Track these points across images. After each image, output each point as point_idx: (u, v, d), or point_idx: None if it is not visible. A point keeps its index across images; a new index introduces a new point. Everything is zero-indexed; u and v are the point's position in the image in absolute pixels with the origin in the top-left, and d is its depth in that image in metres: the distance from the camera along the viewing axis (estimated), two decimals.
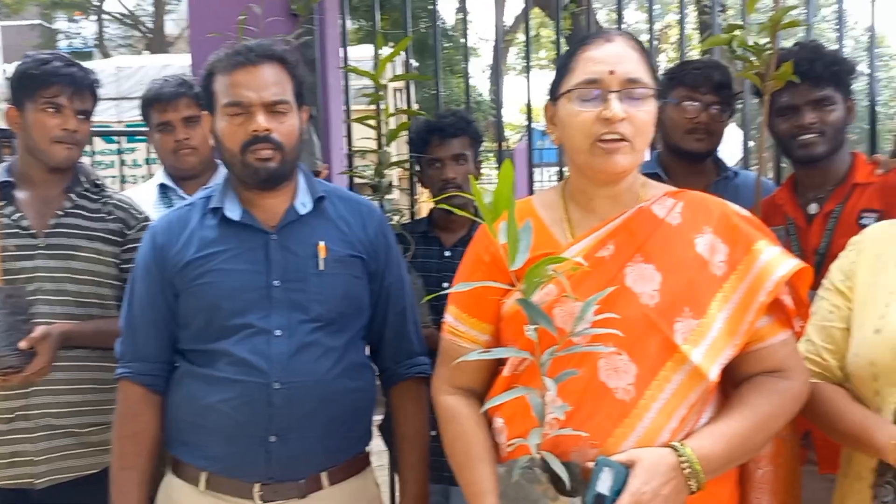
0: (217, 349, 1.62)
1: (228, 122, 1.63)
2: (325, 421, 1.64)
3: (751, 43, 1.86)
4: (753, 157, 2.95)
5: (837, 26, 2.70)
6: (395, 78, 2.71)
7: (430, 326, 2.23)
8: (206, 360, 1.64)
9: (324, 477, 1.66)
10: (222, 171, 1.75)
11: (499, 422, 1.45)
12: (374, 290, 1.75)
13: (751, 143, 2.99)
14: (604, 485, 1.24)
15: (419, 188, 2.79)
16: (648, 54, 1.43)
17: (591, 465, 1.28)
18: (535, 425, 1.33)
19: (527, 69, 2.95)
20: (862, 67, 3.36)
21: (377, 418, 2.04)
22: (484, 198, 1.25)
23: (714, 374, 1.34)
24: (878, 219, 1.84)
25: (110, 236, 2.08)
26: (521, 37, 13.92)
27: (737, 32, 1.82)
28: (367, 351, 1.82)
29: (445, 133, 2.42)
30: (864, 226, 1.84)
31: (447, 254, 2.47)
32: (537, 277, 1.22)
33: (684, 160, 2.27)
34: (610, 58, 1.37)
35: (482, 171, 2.18)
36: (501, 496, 1.30)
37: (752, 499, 1.49)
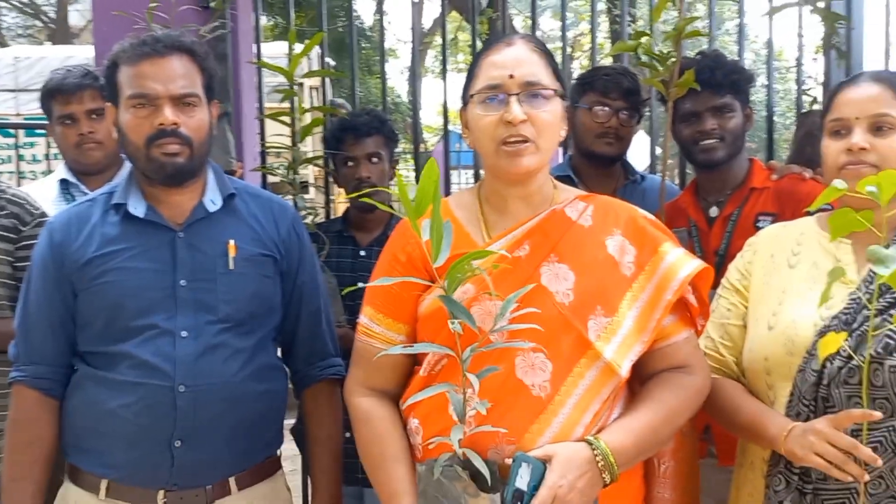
0: (119, 351, 1.56)
1: (133, 114, 1.57)
2: (233, 424, 1.60)
3: (656, 51, 1.93)
4: (660, 163, 3.06)
5: (738, 39, 2.82)
6: (310, 74, 2.68)
7: (345, 326, 2.22)
8: (106, 363, 1.58)
9: (232, 482, 1.62)
10: (128, 167, 1.69)
11: (414, 422, 1.45)
12: (286, 289, 1.72)
13: (658, 150, 3.09)
14: (522, 480, 1.26)
15: (335, 187, 2.76)
16: (551, 56, 1.46)
17: (509, 461, 1.30)
18: (451, 424, 1.34)
19: (443, 72, 2.97)
20: (761, 79, 3.53)
21: (289, 422, 2.00)
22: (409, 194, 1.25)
23: (625, 369, 1.38)
24: (774, 221, 1.94)
25: (3, 233, 1.98)
26: (438, 39, 14.02)
27: (643, 40, 1.88)
28: (279, 353, 1.79)
29: (360, 132, 2.41)
30: (761, 228, 1.94)
31: (362, 253, 2.46)
32: (460, 273, 1.23)
33: (595, 164, 2.33)
34: (510, 62, 1.41)
35: (398, 172, 2.17)
36: (421, 494, 1.30)
37: (655, 493, 1.54)
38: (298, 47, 2.40)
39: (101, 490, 1.58)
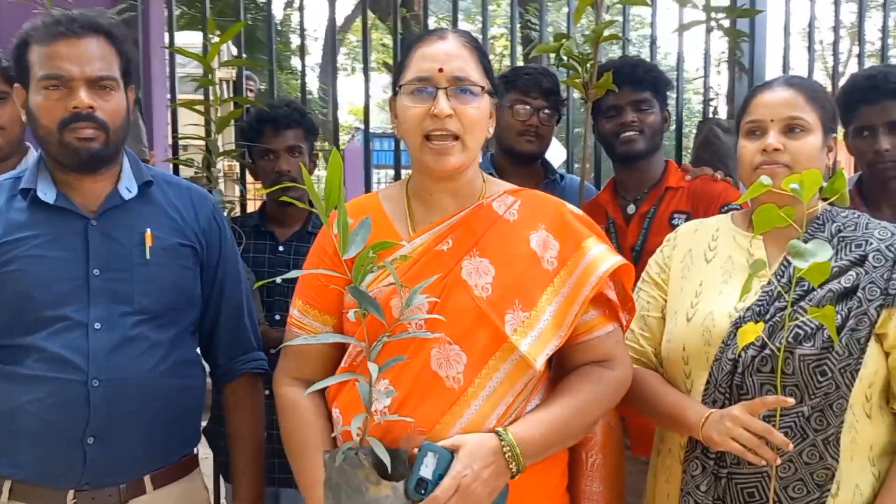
0: (26, 344, 1.47)
1: (45, 96, 1.49)
2: (149, 421, 1.54)
3: (576, 53, 1.98)
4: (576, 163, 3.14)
5: (651, 51, 2.94)
6: (228, 63, 2.61)
7: (263, 323, 2.17)
8: (12, 357, 1.48)
9: (147, 481, 1.56)
10: (34, 155, 1.59)
11: (336, 412, 1.44)
12: (206, 281, 1.67)
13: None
14: (427, 469, 1.27)
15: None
16: (483, 53, 1.47)
17: (416, 450, 1.30)
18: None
19: (365, 70, 2.94)
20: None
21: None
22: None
23: (540, 363, 1.39)
24: (687, 219, 2.02)
25: None
26: (351, 37, 13.86)
27: (564, 42, 1.92)
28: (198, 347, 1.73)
29: (279, 124, 2.36)
30: (675, 226, 2.02)
31: (281, 249, 2.41)
32: (366, 264, 1.22)
33: (516, 162, 2.37)
34: (440, 55, 1.41)
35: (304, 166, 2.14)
36: (326, 482, 1.28)
37: (583, 485, 1.57)
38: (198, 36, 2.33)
39: (3, 492, 1.48)
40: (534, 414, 1.40)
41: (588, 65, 1.92)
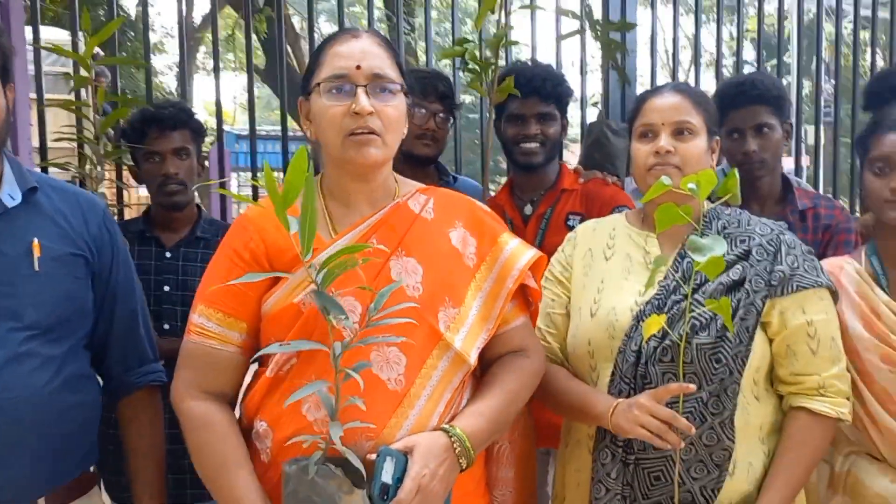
0: None
1: None
2: (44, 440, 1.43)
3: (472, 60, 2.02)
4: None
5: (532, 59, 3.05)
6: (103, 61, 2.45)
7: None
8: None
9: (42, 503, 1.45)
10: None
11: (262, 425, 1.40)
12: (98, 291, 1.57)
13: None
14: (387, 474, 1.27)
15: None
16: (396, 52, 1.48)
17: (371, 456, 1.29)
18: (305, 424, 1.34)
19: (215, 69, 2.84)
20: None
21: None
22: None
23: (474, 357, 1.43)
24: (582, 220, 2.11)
25: None
26: (210, 35, 13.38)
27: (468, 46, 1.96)
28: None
29: (165, 124, 2.26)
30: (571, 226, 2.12)
31: (168, 255, 2.31)
32: (338, 269, 1.20)
33: (412, 164, 2.37)
34: (356, 53, 1.40)
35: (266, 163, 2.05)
36: (289, 496, 1.25)
37: (495, 472, 1.61)
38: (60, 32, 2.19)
39: None
40: (472, 407, 1.42)
41: (490, 70, 1.97)
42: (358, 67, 1.38)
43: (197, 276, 2.30)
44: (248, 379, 1.49)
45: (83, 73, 2.30)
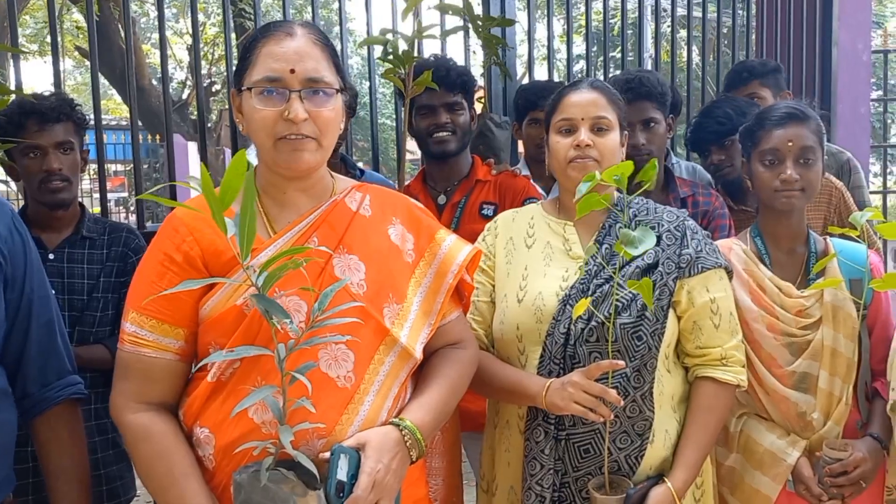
0: None
1: None
2: None
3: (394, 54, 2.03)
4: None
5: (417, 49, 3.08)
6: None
7: None
8: None
9: None
10: None
11: (202, 431, 1.35)
12: (11, 300, 1.44)
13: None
14: (342, 471, 1.26)
15: None
16: (333, 49, 1.45)
17: (324, 455, 1.29)
18: (250, 429, 1.31)
19: (92, 61, 2.65)
20: None
21: None
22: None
23: (419, 351, 1.45)
24: (496, 210, 2.19)
25: None
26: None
27: (390, 37, 1.97)
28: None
29: (46, 117, 2.10)
30: (485, 215, 2.19)
31: (51, 257, 2.15)
32: (280, 271, 1.18)
33: None
34: (291, 55, 1.35)
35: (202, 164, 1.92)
36: (243, 503, 1.22)
37: (429, 463, 1.65)
38: None
39: None
40: (419, 400, 1.45)
41: (406, 64, 1.99)
42: (292, 71, 1.34)
43: (84, 278, 2.19)
44: None
45: None
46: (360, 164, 3.04)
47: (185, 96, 11.93)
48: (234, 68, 1.61)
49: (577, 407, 1.56)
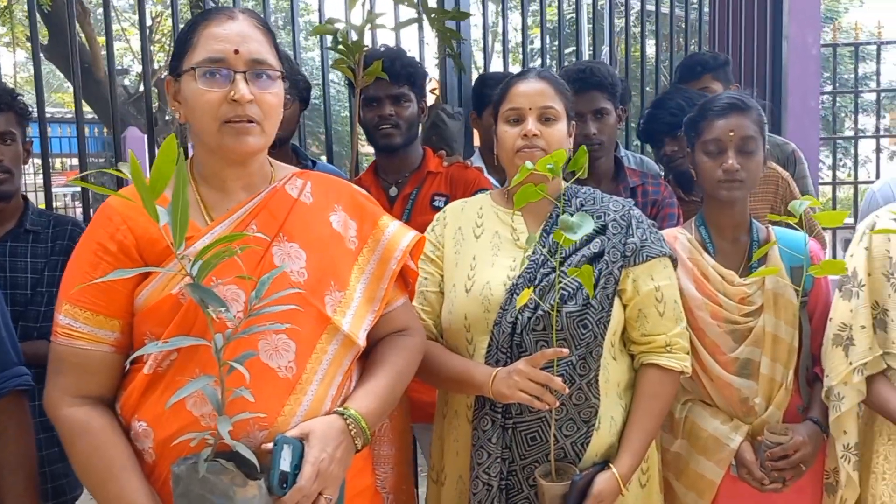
0: None
1: None
2: None
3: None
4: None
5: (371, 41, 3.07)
6: None
7: None
8: None
9: None
10: None
11: (140, 425, 1.33)
12: None
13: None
14: (285, 462, 1.26)
15: None
16: (273, 34, 1.44)
17: (266, 446, 1.28)
18: (189, 421, 1.30)
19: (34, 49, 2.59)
20: None
21: None
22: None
23: (362, 339, 1.45)
24: (447, 201, 2.19)
25: None
26: None
27: (339, 27, 1.95)
28: None
29: None
30: (437, 207, 2.19)
31: None
32: (216, 259, 1.16)
33: None
34: (234, 36, 1.34)
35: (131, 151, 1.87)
36: (181, 497, 1.20)
37: (377, 451, 1.65)
38: None
39: None
40: (364, 388, 1.44)
41: (356, 54, 1.97)
42: (236, 52, 1.33)
43: (27, 272, 2.14)
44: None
45: None
46: (324, 158, 3.01)
47: (142, 88, 11.73)
48: None
49: (522, 395, 1.57)
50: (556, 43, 4.13)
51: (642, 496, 1.76)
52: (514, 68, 3.49)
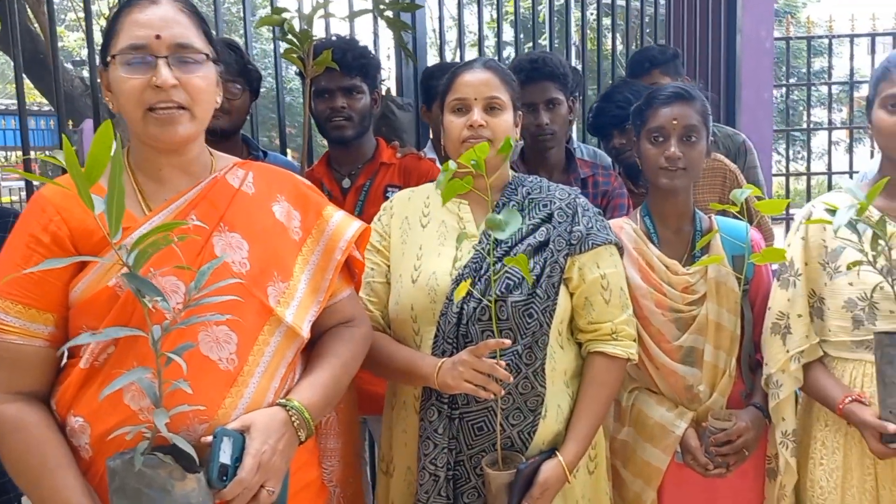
0: None
1: None
2: None
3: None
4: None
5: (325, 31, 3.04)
6: None
7: None
8: None
9: None
10: None
11: (77, 420, 1.31)
12: None
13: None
14: (225, 454, 1.24)
15: None
16: (201, 18, 1.41)
17: (206, 439, 1.26)
18: (128, 415, 1.28)
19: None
20: None
21: None
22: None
23: (306, 330, 1.43)
24: None
25: None
26: None
27: (286, 16, 1.93)
28: None
29: None
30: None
31: None
32: (151, 248, 1.14)
33: (211, 139, 2.29)
34: (156, 21, 1.32)
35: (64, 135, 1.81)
36: (116, 492, 1.18)
37: (324, 445, 1.64)
38: None
39: None
40: (308, 379, 1.43)
41: (307, 41, 1.95)
42: (158, 37, 1.30)
43: None
44: None
45: None
46: (290, 152, 2.99)
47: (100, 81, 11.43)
48: None
49: (467, 385, 1.57)
50: (523, 37, 4.13)
51: (590, 483, 1.78)
52: None
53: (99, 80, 1.40)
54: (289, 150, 3.18)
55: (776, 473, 1.86)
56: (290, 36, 1.92)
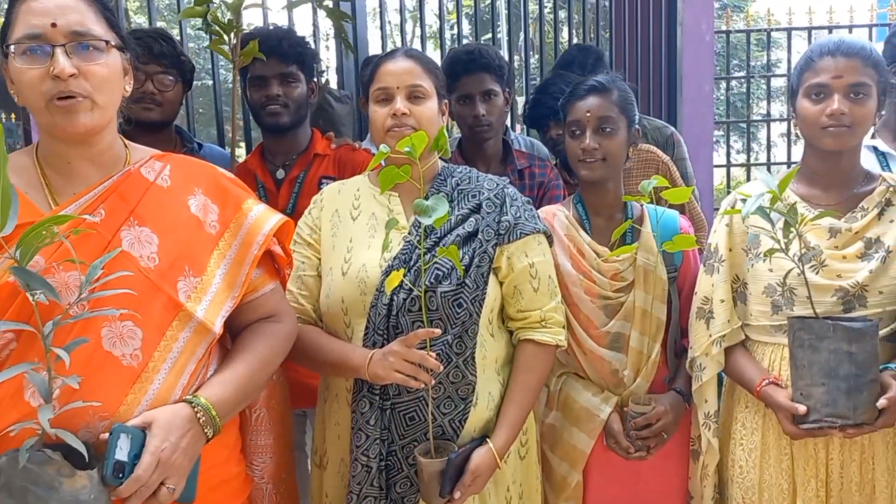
0: None
1: None
2: None
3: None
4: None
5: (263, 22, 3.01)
6: None
7: None
8: None
9: None
10: None
11: None
12: None
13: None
14: (122, 451, 1.22)
15: None
16: (104, 4, 1.38)
17: (105, 436, 1.24)
18: (31, 409, 1.24)
19: None
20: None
21: None
22: None
23: (218, 326, 1.41)
24: None
25: None
26: None
27: (211, 7, 1.90)
28: None
29: None
30: None
31: None
32: (37, 241, 1.12)
33: (143, 131, 2.25)
34: (52, 9, 1.29)
35: None
36: (2, 489, 1.15)
37: (250, 441, 1.63)
38: None
39: None
40: (218, 376, 1.42)
41: (232, 33, 1.93)
42: (54, 25, 1.27)
43: None
44: None
45: None
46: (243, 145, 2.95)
47: None
48: None
49: (398, 375, 1.58)
50: (474, 29, 4.15)
51: (521, 468, 1.81)
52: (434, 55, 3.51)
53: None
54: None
55: (699, 454, 1.92)
56: (215, 27, 1.90)
